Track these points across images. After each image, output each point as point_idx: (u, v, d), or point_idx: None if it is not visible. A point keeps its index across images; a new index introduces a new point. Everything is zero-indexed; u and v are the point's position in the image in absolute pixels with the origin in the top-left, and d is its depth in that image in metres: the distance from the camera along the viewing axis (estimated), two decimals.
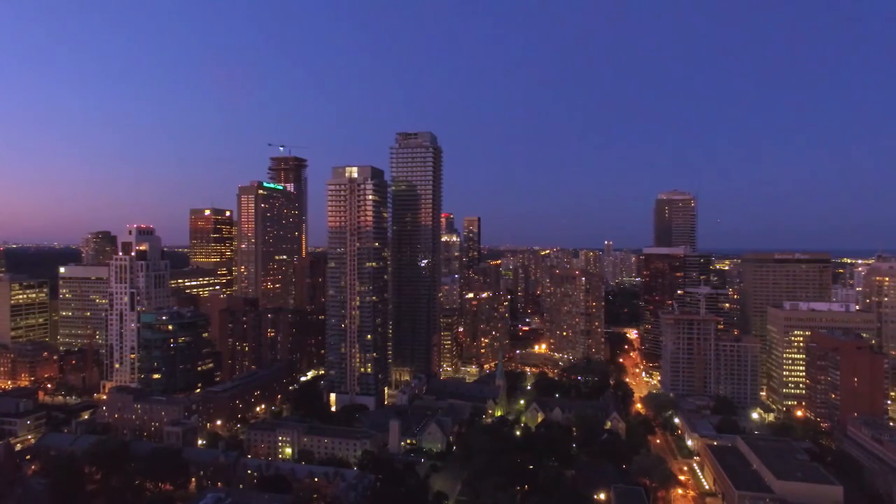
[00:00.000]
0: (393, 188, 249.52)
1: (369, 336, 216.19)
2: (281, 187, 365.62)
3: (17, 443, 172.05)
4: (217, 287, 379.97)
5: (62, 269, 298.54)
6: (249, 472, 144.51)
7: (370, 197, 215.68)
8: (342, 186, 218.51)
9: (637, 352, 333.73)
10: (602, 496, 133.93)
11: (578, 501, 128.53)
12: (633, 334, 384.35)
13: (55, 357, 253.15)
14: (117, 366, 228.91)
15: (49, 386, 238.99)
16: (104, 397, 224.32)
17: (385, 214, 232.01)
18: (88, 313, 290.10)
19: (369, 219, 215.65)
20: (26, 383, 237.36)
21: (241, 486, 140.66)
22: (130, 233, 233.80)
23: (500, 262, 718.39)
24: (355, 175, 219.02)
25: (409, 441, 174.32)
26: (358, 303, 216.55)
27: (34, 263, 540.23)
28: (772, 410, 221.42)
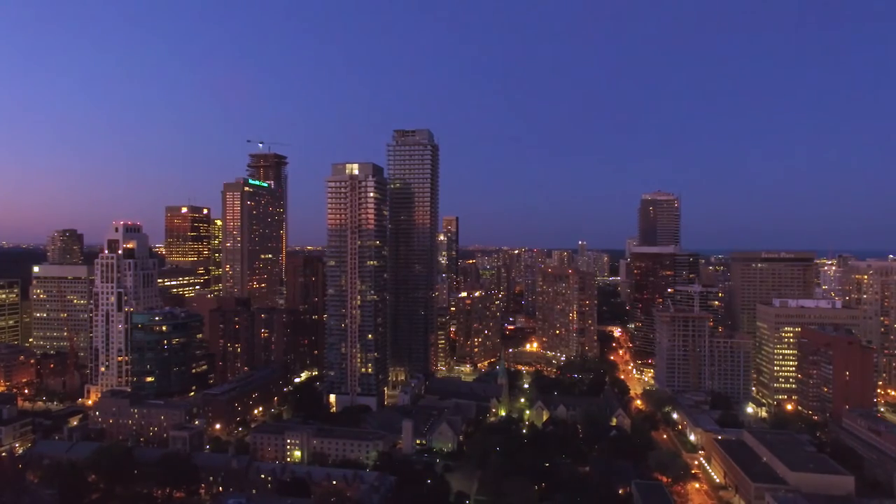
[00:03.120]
0: (390, 186, 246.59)
1: (370, 336, 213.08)
2: (266, 185, 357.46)
3: (2, 451, 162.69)
4: (198, 287, 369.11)
5: (36, 269, 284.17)
6: (262, 476, 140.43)
7: (372, 194, 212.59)
8: (342, 184, 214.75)
9: (624, 349, 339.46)
10: (620, 492, 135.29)
11: (605, 498, 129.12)
12: (616, 332, 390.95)
13: (32, 360, 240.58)
14: (103, 369, 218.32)
15: (27, 391, 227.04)
16: (90, 402, 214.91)
17: (385, 212, 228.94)
18: (65, 314, 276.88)
19: (371, 217, 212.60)
20: (2, 388, 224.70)
21: (254, 490, 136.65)
22: (117, 230, 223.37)
23: (473, 261, 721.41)
24: (356, 172, 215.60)
25: (418, 441, 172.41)
26: (359, 302, 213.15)
27: None
28: (762, 405, 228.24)
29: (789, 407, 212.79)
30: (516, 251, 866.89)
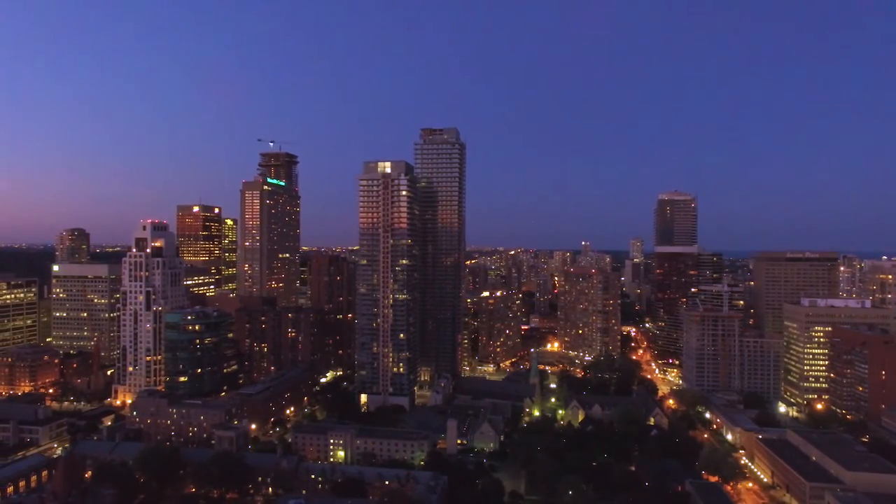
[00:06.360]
0: (417, 185, 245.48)
1: (402, 335, 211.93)
2: (283, 184, 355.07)
3: (40, 452, 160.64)
4: (212, 286, 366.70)
5: (56, 268, 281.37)
6: (312, 476, 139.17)
7: (404, 193, 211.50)
8: (375, 182, 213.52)
9: (643, 349, 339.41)
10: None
11: (662, 499, 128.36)
12: (632, 332, 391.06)
13: (56, 360, 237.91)
14: (131, 369, 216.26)
15: (52, 391, 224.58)
16: (118, 402, 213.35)
17: (416, 211, 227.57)
18: (85, 314, 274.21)
19: (403, 216, 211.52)
20: (27, 389, 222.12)
21: (304, 491, 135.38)
22: (145, 228, 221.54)
23: (476, 261, 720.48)
24: (388, 170, 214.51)
25: (459, 441, 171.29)
26: (391, 301, 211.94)
27: None
28: (792, 404, 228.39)
29: (820, 406, 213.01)
30: (512, 251, 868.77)
